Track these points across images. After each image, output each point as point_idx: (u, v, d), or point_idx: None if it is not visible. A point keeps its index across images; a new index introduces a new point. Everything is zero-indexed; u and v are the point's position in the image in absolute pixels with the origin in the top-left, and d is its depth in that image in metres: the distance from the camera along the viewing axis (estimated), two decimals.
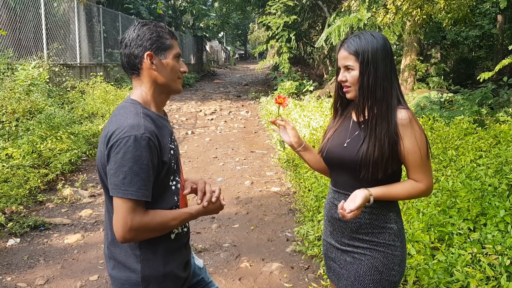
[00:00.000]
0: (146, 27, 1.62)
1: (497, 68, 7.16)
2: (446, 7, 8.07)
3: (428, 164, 1.77)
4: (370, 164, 1.74)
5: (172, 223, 1.58)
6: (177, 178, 1.68)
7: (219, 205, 1.71)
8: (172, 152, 1.64)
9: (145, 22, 1.65)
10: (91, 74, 12.42)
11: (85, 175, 6.31)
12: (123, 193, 1.46)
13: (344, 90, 1.85)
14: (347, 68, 1.80)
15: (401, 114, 1.74)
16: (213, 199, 1.67)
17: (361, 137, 1.79)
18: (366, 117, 1.79)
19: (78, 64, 12.64)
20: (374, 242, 1.80)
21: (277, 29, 17.14)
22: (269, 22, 17.39)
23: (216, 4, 31.72)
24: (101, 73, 12.27)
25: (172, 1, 25.64)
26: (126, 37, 1.63)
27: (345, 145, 1.83)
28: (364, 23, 10.17)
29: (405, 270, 1.88)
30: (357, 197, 1.70)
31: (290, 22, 17.03)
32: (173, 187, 1.65)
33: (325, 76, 19.07)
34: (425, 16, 8.46)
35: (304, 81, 16.32)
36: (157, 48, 1.61)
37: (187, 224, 1.77)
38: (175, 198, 1.66)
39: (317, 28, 20.97)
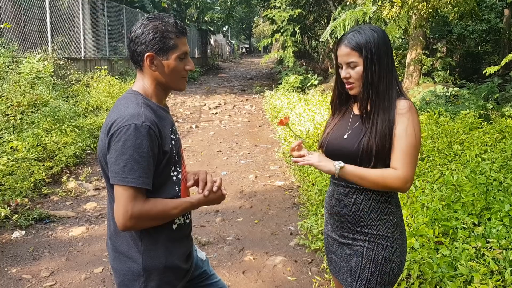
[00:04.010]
0: (152, 24, 1.59)
1: (503, 62, 7.10)
2: (452, 0, 8.00)
3: (414, 155, 1.71)
4: (372, 156, 1.74)
5: (173, 212, 1.59)
6: (178, 169, 1.68)
7: (220, 194, 1.72)
8: (173, 142, 1.64)
9: (153, 17, 1.61)
10: (95, 67, 12.41)
11: (89, 168, 6.33)
12: (124, 181, 1.47)
13: (348, 87, 1.83)
14: (350, 64, 1.78)
15: (401, 104, 1.75)
16: (214, 189, 1.69)
17: (362, 129, 1.79)
18: (368, 110, 1.79)
19: (83, 58, 12.64)
20: (373, 234, 1.81)
21: (282, 22, 17.07)
22: (274, 16, 17.32)
23: None
24: (105, 67, 12.28)
25: None
26: (133, 31, 1.62)
27: (345, 136, 1.84)
28: (369, 16, 10.09)
29: (405, 262, 1.88)
30: (321, 160, 1.77)
31: (295, 16, 16.96)
32: (174, 178, 1.66)
33: (330, 70, 18.99)
34: (431, 10, 8.40)
35: (308, 75, 16.27)
36: (159, 49, 1.59)
37: (189, 215, 1.77)
38: (176, 188, 1.66)
39: (322, 22, 20.86)
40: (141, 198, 1.50)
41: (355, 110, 1.89)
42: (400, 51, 14.33)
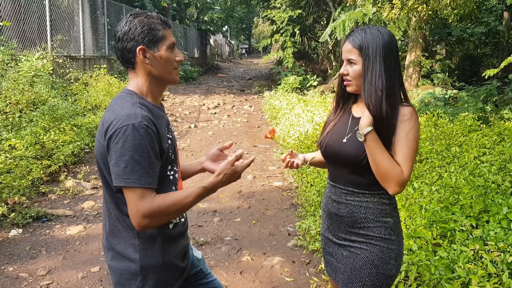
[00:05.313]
0: (137, 19, 1.60)
1: (502, 65, 7.12)
2: (452, 3, 8.01)
3: (413, 159, 1.72)
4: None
5: (187, 200, 1.55)
6: (175, 168, 1.68)
7: (237, 172, 1.63)
8: (169, 141, 1.64)
9: (136, 14, 1.63)
10: (94, 66, 12.40)
11: (87, 167, 6.32)
12: (126, 182, 1.47)
13: (345, 83, 1.85)
14: (350, 61, 1.79)
15: (404, 111, 1.74)
16: (240, 161, 1.64)
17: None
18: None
19: (82, 56, 12.63)
20: (370, 236, 1.80)
21: (281, 23, 17.08)
22: (273, 16, 17.34)
23: None
24: (104, 65, 12.25)
25: None
26: (119, 31, 1.61)
27: (344, 140, 1.83)
28: (369, 18, 10.10)
29: (402, 264, 1.87)
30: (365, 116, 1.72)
31: (295, 17, 16.97)
32: (171, 177, 1.66)
33: (329, 71, 19.00)
34: (430, 12, 8.40)
35: (308, 76, 16.27)
36: (149, 41, 1.60)
37: (184, 214, 1.77)
38: (173, 187, 1.66)
39: (322, 22, 20.87)
40: (149, 195, 1.49)
41: (354, 112, 1.89)
42: (400, 53, 14.30)
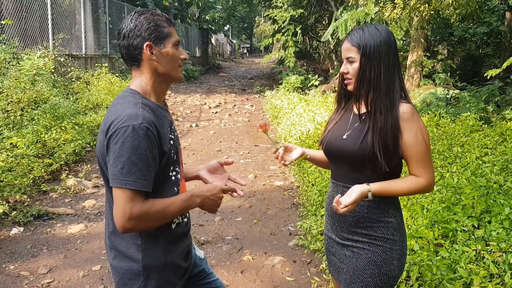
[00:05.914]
0: (143, 16, 1.60)
1: (504, 65, 7.11)
2: (454, 2, 7.99)
3: (429, 159, 1.74)
4: (372, 158, 1.73)
5: (171, 208, 1.56)
6: (177, 169, 1.67)
7: (217, 188, 1.71)
8: (172, 142, 1.62)
9: (141, 11, 1.62)
10: (96, 65, 12.39)
11: (89, 165, 6.32)
12: (121, 183, 1.45)
13: (345, 82, 1.85)
14: (349, 60, 1.79)
15: (403, 108, 1.74)
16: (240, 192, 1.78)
17: (362, 130, 1.77)
18: (367, 110, 1.78)
19: (84, 55, 12.62)
20: (372, 236, 1.79)
21: (283, 22, 17.07)
22: (275, 16, 17.33)
23: None
24: (106, 64, 12.25)
25: None
26: (124, 28, 1.60)
27: (345, 137, 1.83)
28: (371, 17, 10.09)
29: (405, 265, 1.86)
30: (354, 192, 1.70)
31: (296, 16, 16.96)
32: (173, 178, 1.65)
33: (330, 71, 18.98)
34: (432, 12, 8.39)
35: (309, 76, 16.26)
36: (156, 37, 1.59)
37: (187, 214, 1.77)
38: (175, 188, 1.65)
39: (323, 22, 20.88)
40: (139, 199, 1.48)
41: (355, 109, 1.89)
42: (401, 53, 14.33)
